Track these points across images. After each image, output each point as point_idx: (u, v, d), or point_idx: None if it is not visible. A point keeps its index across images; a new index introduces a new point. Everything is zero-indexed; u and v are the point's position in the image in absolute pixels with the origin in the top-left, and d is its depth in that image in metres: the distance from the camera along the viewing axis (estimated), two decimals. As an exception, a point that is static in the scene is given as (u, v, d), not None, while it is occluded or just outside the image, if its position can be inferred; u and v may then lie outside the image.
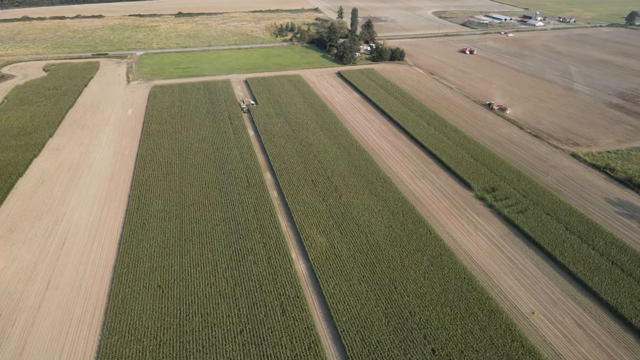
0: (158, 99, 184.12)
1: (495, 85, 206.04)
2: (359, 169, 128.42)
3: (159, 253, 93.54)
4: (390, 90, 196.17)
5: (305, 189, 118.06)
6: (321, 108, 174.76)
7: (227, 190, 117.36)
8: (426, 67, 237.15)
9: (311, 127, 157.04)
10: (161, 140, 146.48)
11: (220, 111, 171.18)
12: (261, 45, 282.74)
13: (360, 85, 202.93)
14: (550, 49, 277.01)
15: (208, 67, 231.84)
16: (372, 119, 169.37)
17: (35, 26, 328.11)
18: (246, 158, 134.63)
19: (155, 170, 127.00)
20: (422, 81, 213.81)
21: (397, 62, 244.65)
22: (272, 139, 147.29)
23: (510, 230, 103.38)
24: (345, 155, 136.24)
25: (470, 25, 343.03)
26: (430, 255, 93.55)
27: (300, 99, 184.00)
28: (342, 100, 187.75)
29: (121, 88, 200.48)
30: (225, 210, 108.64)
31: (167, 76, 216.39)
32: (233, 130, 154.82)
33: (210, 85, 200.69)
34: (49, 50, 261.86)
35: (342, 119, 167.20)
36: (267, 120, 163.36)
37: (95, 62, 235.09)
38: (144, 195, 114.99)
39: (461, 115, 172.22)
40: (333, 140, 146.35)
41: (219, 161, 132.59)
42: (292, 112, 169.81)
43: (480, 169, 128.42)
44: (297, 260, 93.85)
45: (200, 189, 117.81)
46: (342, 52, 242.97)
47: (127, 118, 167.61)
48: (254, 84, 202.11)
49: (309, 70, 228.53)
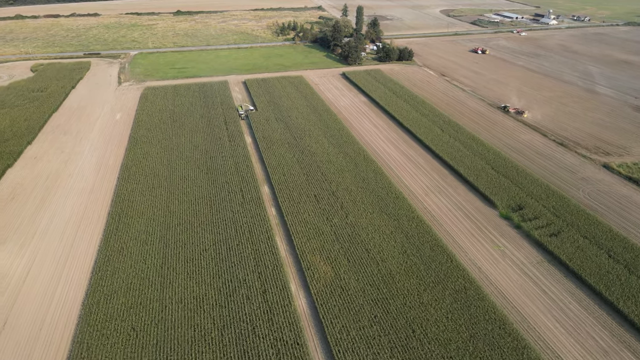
0: (149, 101, 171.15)
1: (511, 87, 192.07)
2: (368, 182, 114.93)
3: (136, 286, 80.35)
4: (399, 92, 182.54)
5: (307, 206, 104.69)
6: (325, 112, 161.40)
7: (219, 207, 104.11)
8: (436, 67, 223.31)
9: (314, 133, 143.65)
10: (149, 148, 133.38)
11: (216, 115, 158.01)
12: (262, 45, 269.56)
13: (366, 87, 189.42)
14: (567, 48, 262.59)
15: (205, 68, 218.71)
16: (381, 124, 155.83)
17: (28, 25, 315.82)
18: (242, 169, 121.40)
19: (140, 183, 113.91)
20: (433, 83, 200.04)
21: (405, 63, 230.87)
22: (271, 147, 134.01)
23: (543, 257, 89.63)
24: (352, 167, 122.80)
25: (481, 24, 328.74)
26: (452, 289, 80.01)
27: (302, 102, 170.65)
28: (347, 104, 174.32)
29: (111, 90, 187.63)
30: (215, 232, 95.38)
31: (161, 77, 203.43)
32: (229, 137, 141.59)
33: (206, 87, 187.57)
34: (39, 49, 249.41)
35: (348, 124, 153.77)
36: (266, 125, 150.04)
37: (86, 62, 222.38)
38: (125, 212, 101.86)
39: (477, 120, 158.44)
40: (338, 149, 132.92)
41: (211, 173, 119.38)
42: (294, 117, 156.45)
43: (503, 183, 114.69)
44: (297, 294, 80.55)
45: (188, 205, 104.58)
46: (347, 51, 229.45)
47: (114, 123, 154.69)
48: (253, 86, 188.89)
49: (311, 71, 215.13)
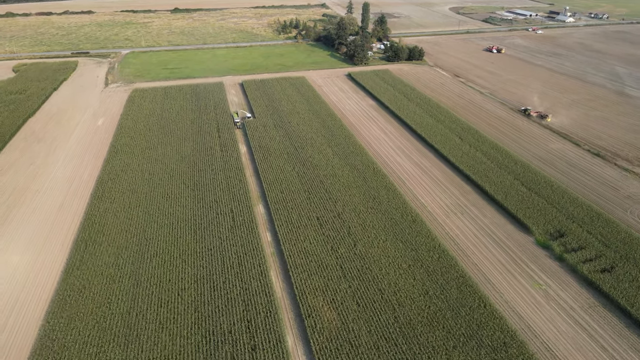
0: (136, 105, 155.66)
1: (532, 89, 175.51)
2: (379, 201, 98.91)
3: (94, 340, 64.60)
4: (411, 95, 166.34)
5: (308, 231, 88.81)
6: (329, 117, 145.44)
7: (205, 232, 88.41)
8: (449, 67, 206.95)
9: (317, 142, 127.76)
10: (130, 159, 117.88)
11: (208, 121, 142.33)
12: (262, 43, 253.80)
13: (374, 89, 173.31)
14: (588, 47, 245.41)
15: (200, 68, 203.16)
16: (391, 131, 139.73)
17: (18, 23, 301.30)
18: (234, 184, 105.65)
19: (115, 202, 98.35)
20: (447, 84, 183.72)
21: (415, 63, 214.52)
22: (269, 159, 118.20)
23: (596, 300, 73.43)
24: (360, 182, 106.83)
25: (493, 21, 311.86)
26: (489, 347, 63.93)
27: (304, 106, 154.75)
28: (354, 108, 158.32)
29: (96, 92, 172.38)
30: (198, 265, 79.69)
31: (151, 78, 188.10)
32: (221, 146, 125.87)
33: (199, 89, 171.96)
34: (25, 48, 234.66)
35: (355, 131, 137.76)
36: (264, 133, 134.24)
37: (72, 62, 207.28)
38: (93, 239, 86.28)
39: (498, 126, 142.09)
40: (344, 161, 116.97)
41: (198, 189, 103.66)
42: (294, 123, 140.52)
43: (537, 202, 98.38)
44: (294, 351, 64.73)
45: (169, 230, 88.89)
46: (353, 50, 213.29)
47: (96, 129, 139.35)
48: (251, 88, 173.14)
49: (315, 72, 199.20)
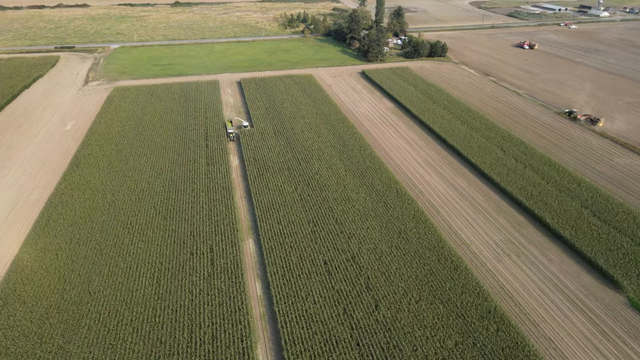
0: (114, 106, 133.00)
1: (578, 89, 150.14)
2: (406, 238, 74.80)
3: None
4: (436, 96, 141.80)
5: (313, 283, 65.06)
6: (340, 123, 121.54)
7: (172, 284, 65.05)
8: (477, 65, 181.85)
9: (325, 154, 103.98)
10: (93, 174, 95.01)
11: (195, 126, 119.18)
12: (266, 38, 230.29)
13: (393, 89, 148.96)
14: (631, 43, 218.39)
15: (194, 64, 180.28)
16: (415, 140, 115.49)
17: (7, 16, 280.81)
18: (218, 211, 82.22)
19: (59, 236, 75.35)
20: (476, 84, 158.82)
21: (437, 59, 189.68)
22: (265, 175, 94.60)
23: None
24: (381, 209, 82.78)
25: (519, 15, 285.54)
26: None
27: (310, 109, 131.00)
28: (369, 111, 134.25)
29: (72, 91, 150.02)
30: (154, 340, 56.24)
31: (138, 75, 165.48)
32: (207, 158, 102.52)
33: (190, 89, 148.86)
34: (6, 42, 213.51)
35: (371, 139, 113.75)
36: (261, 141, 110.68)
37: (53, 57, 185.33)
38: (15, 296, 63.36)
39: (545, 134, 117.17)
40: (359, 179, 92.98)
41: (171, 218, 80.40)
42: (298, 130, 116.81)
43: (620, 242, 73.65)
44: None
45: (122, 281, 65.59)
46: (367, 45, 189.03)
47: (62, 135, 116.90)
48: (250, 87, 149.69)
49: (324, 69, 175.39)
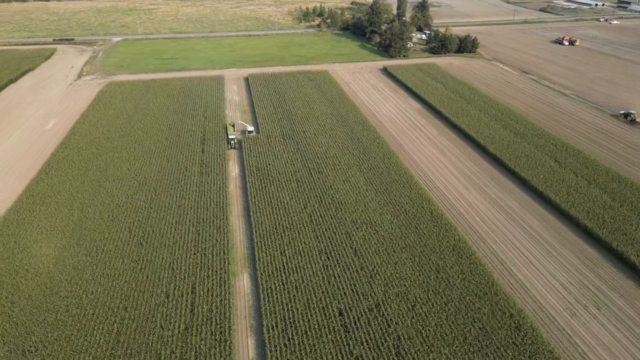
0: (104, 103, 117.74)
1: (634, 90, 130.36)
2: (447, 278, 57.03)
3: None
4: (469, 96, 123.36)
5: (324, 345, 47.81)
6: (359, 125, 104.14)
7: (135, 341, 48.45)
8: (512, 62, 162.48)
9: (342, 163, 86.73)
10: (64, 184, 79.33)
11: (192, 127, 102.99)
12: (279, 32, 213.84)
13: (419, 87, 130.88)
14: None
15: (199, 58, 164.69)
16: (448, 147, 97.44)
17: (11, 8, 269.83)
18: (208, 235, 65.60)
19: (10, 262, 59.55)
20: (514, 83, 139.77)
21: (467, 55, 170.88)
22: (269, 188, 77.74)
23: None
24: (413, 237, 65.11)
25: (553, 10, 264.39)
26: None
27: (325, 109, 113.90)
28: (393, 112, 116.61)
29: (62, 85, 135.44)
30: None
31: (137, 70, 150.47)
32: (202, 165, 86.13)
33: (191, 84, 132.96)
34: (6, 34, 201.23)
35: (396, 146, 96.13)
36: (266, 146, 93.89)
37: (49, 50, 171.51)
38: None
39: (606, 143, 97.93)
40: (384, 196, 75.47)
41: (148, 244, 63.97)
42: (310, 133, 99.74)
43: None
44: None
45: (69, 335, 49.25)
46: (389, 39, 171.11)
47: (40, 135, 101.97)
48: (258, 83, 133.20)
49: (341, 65, 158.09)
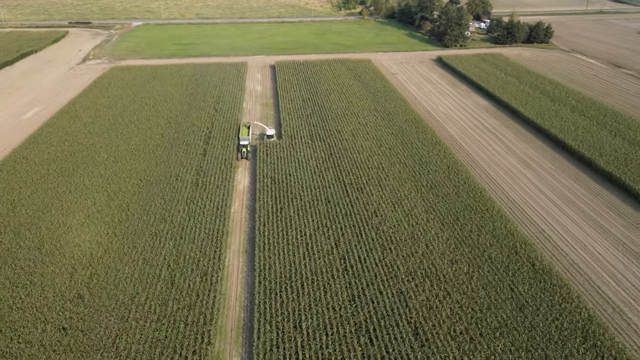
0: (98, 90, 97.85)
1: None
2: None
3: None
4: (554, 93, 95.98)
5: None
6: (411, 126, 79.24)
7: None
8: (597, 54, 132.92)
9: (390, 177, 62.37)
10: (13, 192, 58.76)
11: (197, 121, 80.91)
12: (315, 19, 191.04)
13: (485, 81, 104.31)
14: None
15: (223, 45, 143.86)
16: (534, 158, 71.10)
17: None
18: (187, 289, 42.79)
19: None
20: (606, 79, 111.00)
21: (539, 46, 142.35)
22: (286, 212, 54.23)
23: None
24: (509, 308, 40.14)
25: (631, 1, 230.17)
26: None
27: (367, 104, 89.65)
28: (453, 109, 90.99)
29: (62, 70, 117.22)
30: None
31: (150, 55, 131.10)
32: (198, 174, 63.68)
33: (206, 71, 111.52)
34: (22, 16, 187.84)
35: (463, 155, 70.82)
36: (289, 150, 70.57)
37: (59, 33, 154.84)
38: None
39: None
40: (453, 230, 50.49)
41: (95, 298, 41.88)
42: (348, 134, 75.74)
43: None
44: None
45: None
46: (444, 26, 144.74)
47: (13, 126, 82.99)
48: (285, 72, 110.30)
49: (386, 54, 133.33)
